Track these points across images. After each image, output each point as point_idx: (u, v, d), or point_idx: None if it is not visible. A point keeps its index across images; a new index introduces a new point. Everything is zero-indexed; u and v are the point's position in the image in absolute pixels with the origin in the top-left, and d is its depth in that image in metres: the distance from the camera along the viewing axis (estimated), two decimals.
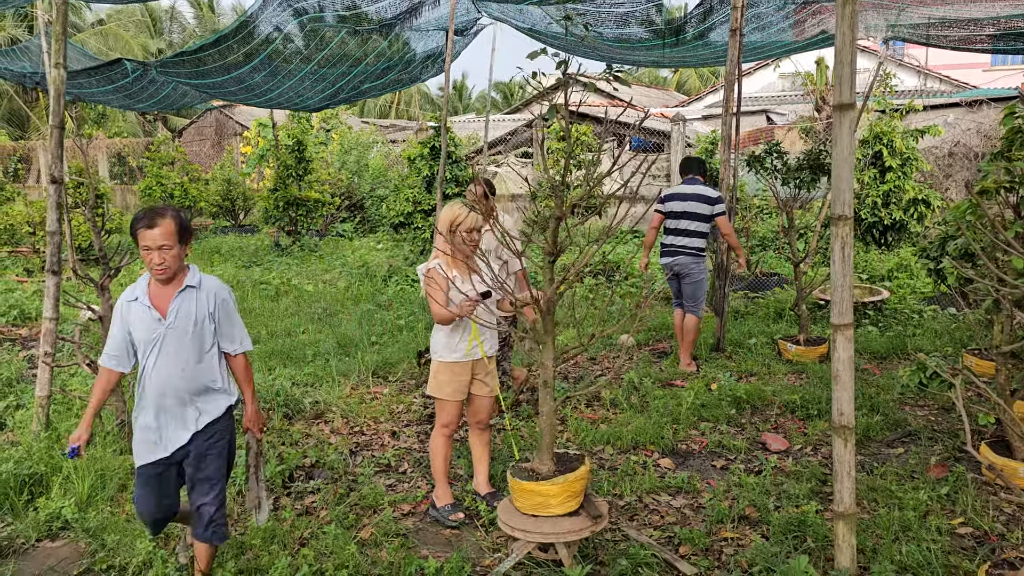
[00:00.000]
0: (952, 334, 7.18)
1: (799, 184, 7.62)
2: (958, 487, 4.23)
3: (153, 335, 3.25)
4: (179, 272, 3.31)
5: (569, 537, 3.46)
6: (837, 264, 3.11)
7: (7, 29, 28.87)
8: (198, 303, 3.32)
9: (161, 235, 3.17)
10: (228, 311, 3.41)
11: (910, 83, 22.19)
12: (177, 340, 3.27)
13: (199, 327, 3.31)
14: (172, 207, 3.36)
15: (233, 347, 3.45)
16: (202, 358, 3.33)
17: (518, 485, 3.52)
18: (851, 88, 2.95)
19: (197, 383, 3.32)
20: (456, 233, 4.11)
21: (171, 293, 3.29)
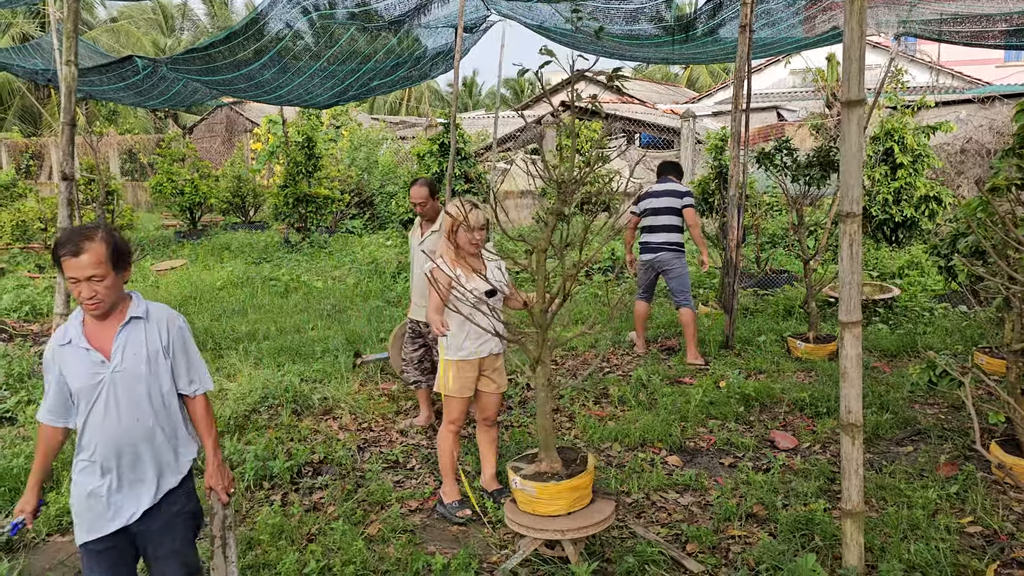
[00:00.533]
0: (963, 332, 7.14)
1: (809, 181, 7.59)
2: (968, 486, 4.21)
3: (96, 381, 2.69)
4: (119, 303, 2.76)
5: (576, 534, 3.47)
6: (845, 262, 3.10)
7: (19, 26, 29.04)
8: (148, 337, 2.77)
9: (90, 263, 2.60)
10: (184, 343, 2.87)
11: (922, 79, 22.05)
12: (128, 385, 2.72)
13: (153, 366, 2.76)
14: (104, 226, 2.77)
15: (191, 387, 2.90)
16: (160, 404, 2.80)
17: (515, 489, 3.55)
18: (860, 84, 2.93)
19: (156, 435, 2.79)
20: (460, 231, 4.12)
21: (113, 329, 2.74)
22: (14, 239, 13.91)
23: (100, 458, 2.72)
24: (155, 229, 18.49)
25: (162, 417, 2.80)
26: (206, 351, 7.38)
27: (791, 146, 7.76)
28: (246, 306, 9.50)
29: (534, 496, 3.49)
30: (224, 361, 7.04)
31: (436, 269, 4.10)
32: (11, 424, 5.73)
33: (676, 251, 6.99)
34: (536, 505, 3.50)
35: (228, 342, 7.71)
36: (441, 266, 4.11)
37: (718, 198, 10.85)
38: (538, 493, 3.48)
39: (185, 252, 14.29)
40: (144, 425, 2.75)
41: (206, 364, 2.98)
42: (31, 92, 30.54)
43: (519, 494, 3.56)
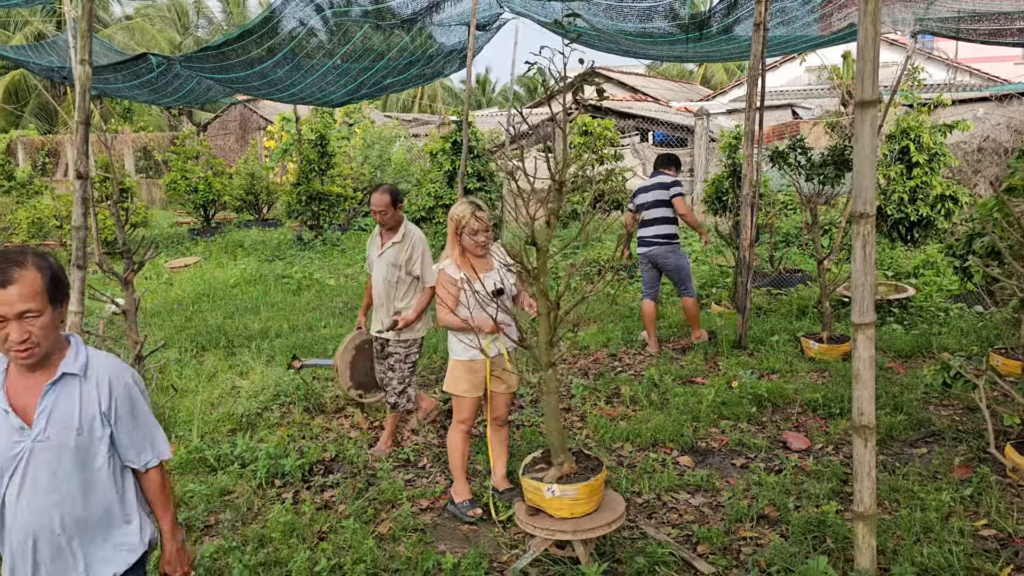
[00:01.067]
0: (979, 333, 7.07)
1: (823, 180, 7.53)
2: (982, 488, 4.17)
3: (13, 453, 2.12)
4: (54, 351, 2.17)
5: (586, 535, 3.46)
6: (858, 263, 3.07)
7: (35, 24, 29.27)
8: (83, 400, 2.18)
9: (21, 295, 2.02)
10: (132, 406, 2.27)
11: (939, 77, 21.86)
12: (50, 459, 2.14)
13: (87, 437, 2.18)
14: (35, 251, 2.15)
15: (141, 460, 2.32)
16: (93, 482, 2.21)
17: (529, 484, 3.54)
18: (874, 85, 2.91)
19: (85, 522, 2.21)
20: (463, 235, 4.10)
21: (39, 385, 2.15)
22: (30, 236, 14.03)
23: (16, 547, 2.18)
24: (169, 226, 18.60)
25: (95, 500, 2.22)
26: (219, 348, 7.42)
27: (805, 145, 7.71)
28: (259, 304, 9.54)
29: (575, 497, 3.44)
30: (237, 359, 7.07)
31: (442, 273, 4.09)
32: None
33: (669, 243, 7.16)
34: (576, 507, 3.45)
35: (241, 339, 7.74)
36: (448, 268, 4.11)
37: (731, 197, 10.80)
38: (579, 493, 3.44)
39: (199, 249, 14.38)
40: (67, 509, 2.17)
41: (213, 362, 2.96)
42: (47, 89, 30.78)
43: (555, 502, 3.45)
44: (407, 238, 4.97)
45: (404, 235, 4.97)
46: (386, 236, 5.06)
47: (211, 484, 4.55)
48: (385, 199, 4.94)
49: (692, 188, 15.64)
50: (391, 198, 4.96)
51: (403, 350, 5.02)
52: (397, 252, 4.95)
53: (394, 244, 4.98)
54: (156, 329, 8.14)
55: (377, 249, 5.09)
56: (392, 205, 4.96)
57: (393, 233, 5.02)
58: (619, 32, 8.45)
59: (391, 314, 4.98)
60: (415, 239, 4.98)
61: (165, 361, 6.88)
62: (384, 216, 4.97)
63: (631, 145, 16.71)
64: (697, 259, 11.50)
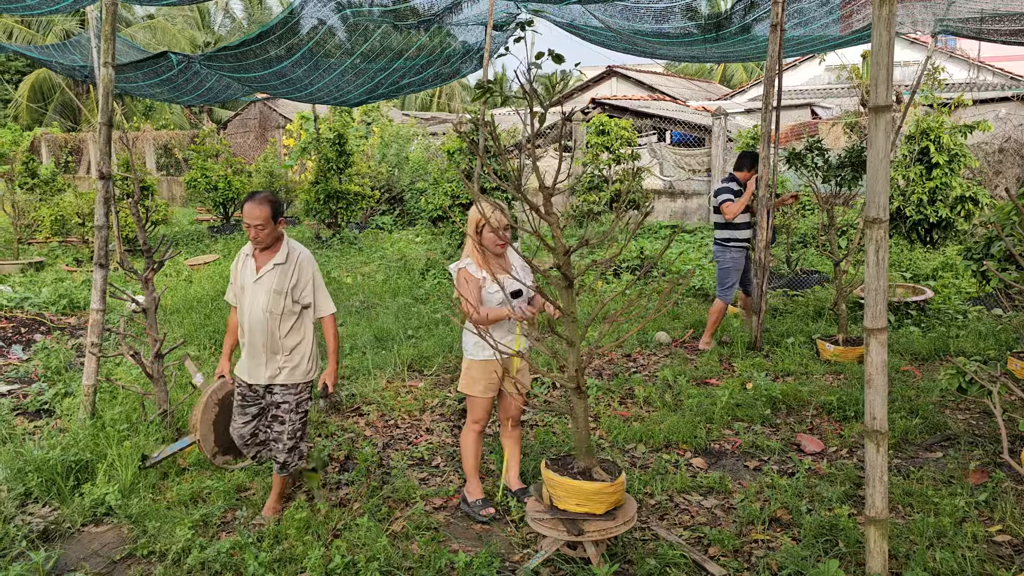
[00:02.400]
0: (997, 336, 7.02)
1: (840, 182, 7.49)
2: (997, 494, 4.16)
3: None
4: None
5: (598, 536, 3.48)
6: (872, 268, 3.08)
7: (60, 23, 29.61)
8: None
9: None
10: None
11: (960, 76, 21.64)
12: None
13: None
14: None
15: None
16: None
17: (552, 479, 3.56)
18: (888, 90, 2.91)
19: None
20: (483, 233, 4.12)
21: None
22: (53, 233, 14.21)
23: None
24: (189, 224, 18.78)
25: None
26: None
27: (822, 146, 7.67)
28: None
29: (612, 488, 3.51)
30: None
31: (463, 271, 4.12)
32: (49, 416, 5.87)
33: (718, 244, 7.36)
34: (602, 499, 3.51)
35: None
36: (470, 267, 4.13)
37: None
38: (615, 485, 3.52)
39: (218, 247, 14.51)
40: None
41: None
42: (70, 88, 31.15)
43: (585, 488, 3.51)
44: (292, 258, 4.11)
45: (288, 255, 4.11)
46: (262, 257, 4.13)
47: (228, 481, 4.61)
48: (263, 210, 4.00)
49: (709, 189, 15.59)
50: (271, 209, 4.03)
51: (293, 397, 4.16)
52: (281, 276, 4.07)
53: (276, 267, 4.07)
54: (176, 327, 8.24)
55: (251, 273, 4.11)
56: (272, 218, 4.04)
57: (272, 253, 4.12)
58: (635, 33, 8.45)
59: (275, 356, 4.10)
60: (302, 259, 4.14)
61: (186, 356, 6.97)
62: (261, 232, 4.02)
63: (648, 145, 16.67)
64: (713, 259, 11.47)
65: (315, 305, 4.19)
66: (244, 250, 4.22)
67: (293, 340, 4.12)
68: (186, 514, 4.20)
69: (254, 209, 3.98)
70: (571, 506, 3.51)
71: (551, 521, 3.52)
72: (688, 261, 11.25)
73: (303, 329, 4.16)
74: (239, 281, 4.16)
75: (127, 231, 12.65)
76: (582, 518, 3.48)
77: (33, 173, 16.72)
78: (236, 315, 4.23)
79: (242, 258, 4.21)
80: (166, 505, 4.34)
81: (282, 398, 4.15)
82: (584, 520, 3.48)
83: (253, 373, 4.14)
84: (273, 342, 4.08)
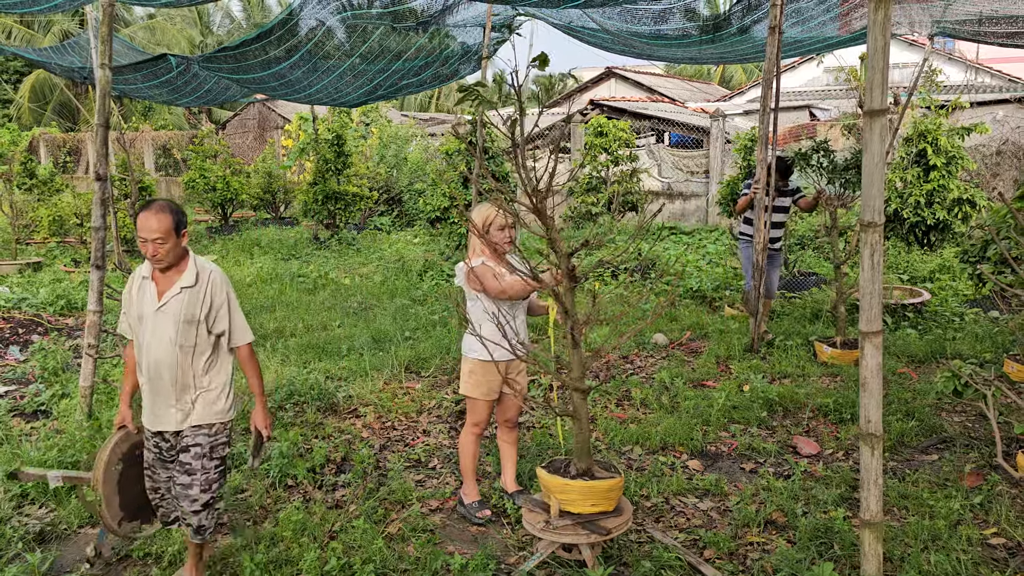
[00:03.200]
0: (993, 338, 7.03)
1: (845, 184, 7.47)
2: (992, 496, 4.16)
3: None
4: None
5: (593, 538, 3.49)
6: (867, 272, 3.08)
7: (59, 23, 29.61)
8: None
9: None
10: None
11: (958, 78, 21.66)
12: None
13: None
14: None
15: None
16: None
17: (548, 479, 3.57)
18: (883, 95, 2.91)
19: None
20: (490, 232, 4.13)
21: None
22: (51, 233, 14.21)
23: None
24: None
25: None
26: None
27: (828, 147, 7.66)
28: (274, 302, 9.63)
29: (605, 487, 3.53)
30: None
31: (482, 267, 4.09)
32: (46, 417, 5.88)
33: (739, 237, 7.77)
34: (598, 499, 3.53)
35: (256, 338, 7.80)
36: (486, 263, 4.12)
37: None
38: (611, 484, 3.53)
39: (216, 248, 14.51)
40: None
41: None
42: (69, 88, 31.14)
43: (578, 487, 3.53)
44: (203, 279, 3.44)
45: (198, 275, 3.44)
46: (164, 279, 3.43)
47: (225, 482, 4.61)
48: (163, 221, 3.30)
49: (707, 190, 15.60)
50: (173, 220, 3.34)
51: (206, 439, 3.45)
52: (191, 302, 3.39)
53: (184, 290, 3.39)
54: None
55: (151, 300, 3.41)
56: (174, 230, 3.34)
57: (177, 273, 3.43)
58: (632, 35, 8.46)
59: (186, 396, 3.44)
60: (214, 279, 3.47)
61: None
62: (161, 247, 3.32)
63: (646, 146, 16.68)
64: (711, 261, 11.49)
65: (230, 333, 3.51)
66: (139, 272, 3.49)
67: (208, 377, 3.48)
68: None
69: (151, 220, 3.28)
70: (587, 508, 3.50)
71: (572, 528, 3.49)
72: (686, 262, 11.25)
73: (220, 362, 3.53)
74: (135, 310, 3.45)
75: (125, 232, 12.65)
76: (599, 518, 3.50)
77: (31, 173, 16.72)
78: (133, 350, 3.52)
79: (136, 282, 3.48)
80: None
81: (192, 440, 3.42)
82: (602, 519, 3.50)
83: (161, 419, 3.43)
84: (184, 380, 3.41)
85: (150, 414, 3.46)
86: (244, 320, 3.58)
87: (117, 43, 9.47)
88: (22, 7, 8.19)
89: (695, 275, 10.16)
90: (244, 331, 3.56)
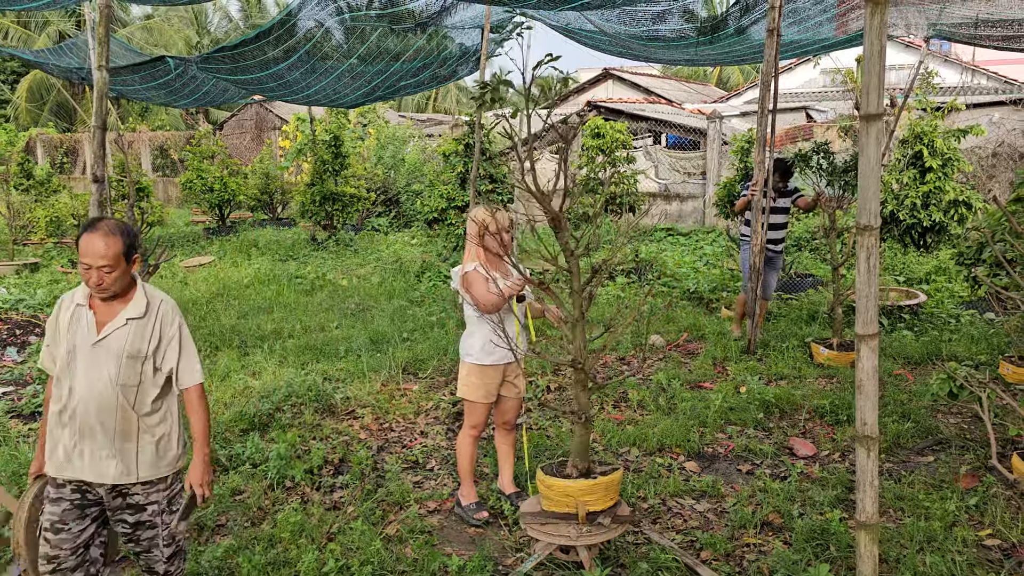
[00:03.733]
0: (989, 340, 7.06)
1: (844, 186, 7.48)
2: (987, 498, 4.19)
3: None
4: None
5: (590, 539, 3.50)
6: (863, 275, 3.10)
7: (56, 23, 29.58)
8: None
9: None
10: None
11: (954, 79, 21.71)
12: None
13: None
14: None
15: None
16: None
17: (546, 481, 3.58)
18: (879, 99, 2.93)
19: None
20: (487, 235, 4.14)
21: None
22: (48, 234, 14.20)
23: None
24: (185, 225, 18.78)
25: None
26: (232, 348, 7.50)
27: (829, 148, 7.67)
28: (272, 304, 9.63)
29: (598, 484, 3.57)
30: (249, 359, 7.15)
31: (474, 272, 4.11)
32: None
33: (738, 240, 7.87)
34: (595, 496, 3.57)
35: (254, 340, 7.83)
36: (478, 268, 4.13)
37: None
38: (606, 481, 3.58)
39: (213, 248, 14.51)
40: None
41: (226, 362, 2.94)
42: (66, 88, 31.10)
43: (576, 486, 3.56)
44: (152, 310, 3.02)
45: (148, 306, 3.01)
46: (106, 309, 2.97)
47: (223, 484, 4.62)
48: (112, 245, 2.86)
49: (704, 191, 15.63)
50: (123, 243, 2.89)
51: (163, 495, 3.09)
52: (137, 336, 2.96)
53: (130, 322, 2.96)
54: None
55: (88, 332, 2.94)
56: (124, 255, 2.90)
57: (123, 303, 2.99)
58: (630, 36, 8.48)
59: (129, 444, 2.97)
60: (165, 310, 3.05)
61: None
62: (108, 275, 2.88)
63: (644, 147, 16.71)
64: (708, 262, 11.51)
65: (177, 373, 3.06)
66: (71, 297, 3.01)
67: (156, 421, 3.04)
68: None
69: (97, 244, 2.83)
70: (607, 503, 3.57)
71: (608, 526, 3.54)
72: (683, 264, 11.28)
73: (167, 404, 3.09)
74: (66, 342, 2.94)
75: None
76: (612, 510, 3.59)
77: (28, 174, 16.70)
78: (55, 388, 2.97)
79: (68, 308, 2.99)
80: None
81: (147, 499, 3.04)
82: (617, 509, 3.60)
83: (93, 469, 2.93)
84: (126, 426, 2.95)
85: (71, 463, 2.93)
86: (197, 357, 3.14)
87: (114, 44, 9.47)
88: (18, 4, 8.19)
89: (692, 277, 10.18)
90: (195, 370, 3.11)
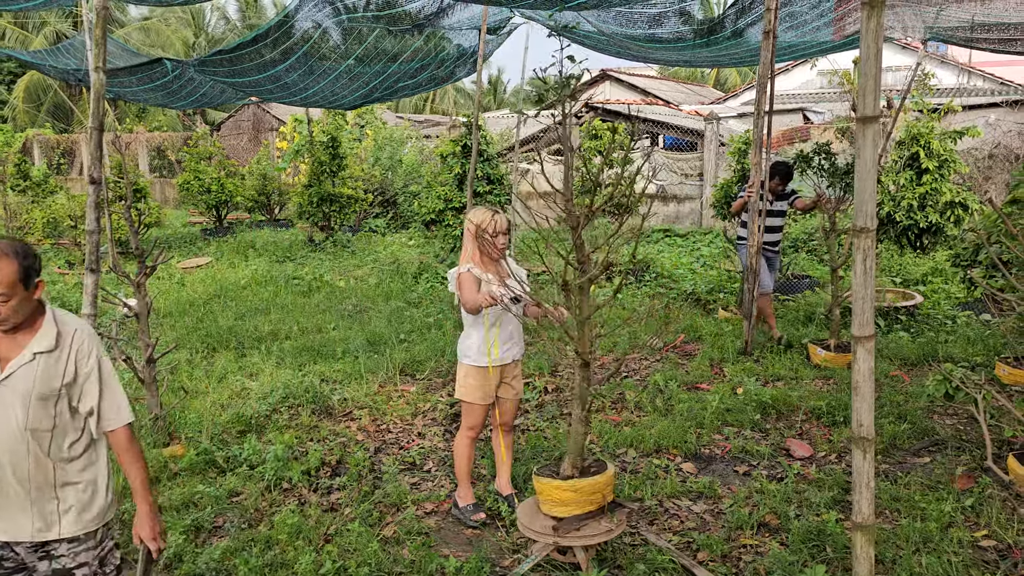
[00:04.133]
0: (985, 341, 7.07)
1: (845, 188, 7.49)
2: (983, 499, 4.20)
3: None
4: None
5: (587, 540, 3.51)
6: (859, 277, 3.10)
7: (52, 24, 29.54)
8: None
9: None
10: None
11: (950, 81, 21.76)
12: None
13: None
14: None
15: None
16: None
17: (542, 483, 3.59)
18: (875, 101, 2.94)
19: None
20: (483, 237, 4.15)
21: None
22: (45, 235, 14.18)
23: None
24: (182, 226, 18.75)
25: None
26: (229, 350, 7.50)
27: (830, 149, 7.68)
28: (269, 305, 9.62)
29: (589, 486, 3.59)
30: (247, 360, 7.15)
31: (466, 274, 4.11)
32: None
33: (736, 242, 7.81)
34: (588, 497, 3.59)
35: (251, 341, 7.82)
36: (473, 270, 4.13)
37: None
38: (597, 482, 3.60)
39: (211, 250, 14.50)
40: None
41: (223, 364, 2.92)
42: (63, 89, 31.05)
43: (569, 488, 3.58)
44: (65, 341, 2.60)
45: (58, 336, 2.59)
46: (9, 342, 2.56)
47: (220, 486, 4.62)
48: (7, 270, 2.44)
49: (701, 193, 15.65)
50: (20, 266, 2.47)
51: (92, 554, 2.71)
52: (47, 372, 2.55)
53: (38, 356, 2.55)
54: (168, 330, 8.24)
55: None
56: (22, 281, 2.48)
57: (28, 335, 2.57)
58: (627, 37, 8.49)
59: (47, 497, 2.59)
60: (82, 340, 2.64)
61: (176, 363, 6.98)
62: (5, 306, 2.47)
63: (641, 149, 16.72)
64: (705, 264, 11.52)
65: (99, 413, 2.65)
66: None
67: (77, 468, 2.65)
68: (178, 519, 4.21)
69: None
70: (611, 496, 3.62)
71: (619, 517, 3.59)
72: (680, 265, 11.29)
73: (91, 448, 2.69)
74: None
75: (119, 233, 12.63)
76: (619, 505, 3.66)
77: (25, 175, 16.68)
78: None
79: None
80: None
81: (74, 560, 2.66)
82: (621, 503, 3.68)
83: (6, 527, 2.57)
84: (41, 477, 2.57)
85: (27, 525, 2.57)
86: (122, 393, 2.70)
87: (112, 45, 9.47)
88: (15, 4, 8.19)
89: (689, 278, 10.19)
90: (122, 408, 2.69)
